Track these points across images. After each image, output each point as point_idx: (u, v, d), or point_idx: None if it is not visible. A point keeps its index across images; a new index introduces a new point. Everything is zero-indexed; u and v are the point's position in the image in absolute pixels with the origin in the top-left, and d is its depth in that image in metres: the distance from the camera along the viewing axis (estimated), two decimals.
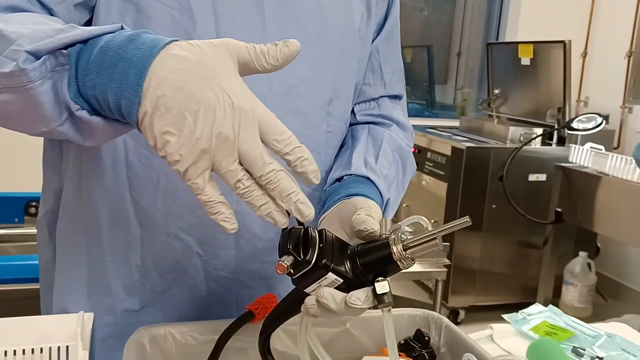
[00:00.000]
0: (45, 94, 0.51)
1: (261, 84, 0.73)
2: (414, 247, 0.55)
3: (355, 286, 0.57)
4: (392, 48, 0.91)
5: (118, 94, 0.49)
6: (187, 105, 0.47)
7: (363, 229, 0.59)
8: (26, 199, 1.95)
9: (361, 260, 0.57)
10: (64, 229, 0.79)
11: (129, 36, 0.51)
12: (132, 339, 0.65)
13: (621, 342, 0.95)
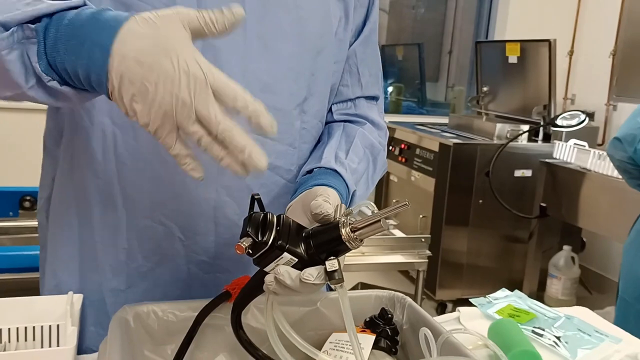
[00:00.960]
0: (12, 63, 0.57)
1: (239, 81, 0.79)
2: (361, 229, 0.61)
3: (309, 265, 0.62)
4: (369, 51, 0.97)
5: (87, 71, 0.56)
6: (148, 77, 0.53)
7: (318, 212, 0.65)
8: (21, 193, 2.00)
9: (314, 241, 0.63)
10: (57, 212, 0.85)
11: (92, 15, 0.57)
12: (117, 316, 0.71)
13: (578, 323, 1.01)
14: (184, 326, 0.74)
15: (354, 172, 0.85)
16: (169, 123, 0.54)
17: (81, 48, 0.56)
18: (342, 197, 0.78)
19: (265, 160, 0.57)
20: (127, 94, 0.54)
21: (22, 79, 0.58)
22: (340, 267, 0.63)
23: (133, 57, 0.54)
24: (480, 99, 3.79)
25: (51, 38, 0.57)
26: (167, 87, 0.53)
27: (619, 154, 1.62)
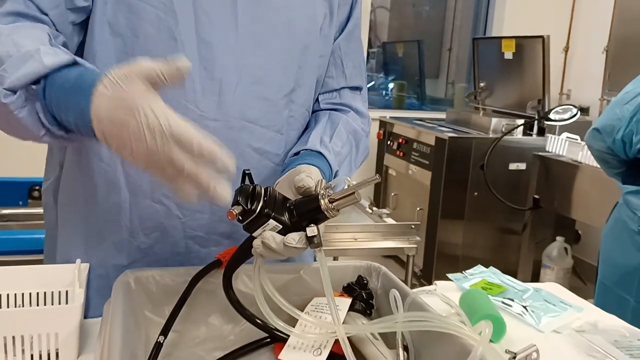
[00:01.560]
0: (25, 119, 0.69)
1: (232, 75, 0.88)
2: (337, 200, 0.70)
3: (292, 231, 0.71)
4: (353, 46, 1.05)
5: (78, 128, 0.67)
6: (121, 134, 0.62)
7: (301, 185, 0.74)
8: (30, 183, 2.10)
9: (297, 210, 0.71)
10: (65, 194, 0.94)
11: (75, 81, 0.67)
12: (120, 279, 0.80)
13: (545, 295, 1.09)
14: (180, 290, 0.82)
15: (337, 155, 0.93)
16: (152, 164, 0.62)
17: (69, 110, 0.67)
18: (325, 175, 0.86)
19: (229, 193, 0.64)
20: (113, 146, 0.64)
21: (36, 130, 0.71)
22: (320, 233, 0.71)
23: (106, 118, 0.63)
24: (477, 94, 3.86)
25: (48, 97, 0.68)
26: (137, 142, 0.61)
27: (598, 144, 1.69)
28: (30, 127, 0.70)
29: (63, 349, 0.77)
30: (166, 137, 0.60)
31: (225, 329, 0.86)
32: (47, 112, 0.69)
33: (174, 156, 0.60)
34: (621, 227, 1.68)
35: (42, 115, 0.69)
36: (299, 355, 0.78)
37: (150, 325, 0.80)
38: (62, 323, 0.76)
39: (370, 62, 5.24)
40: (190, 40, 0.85)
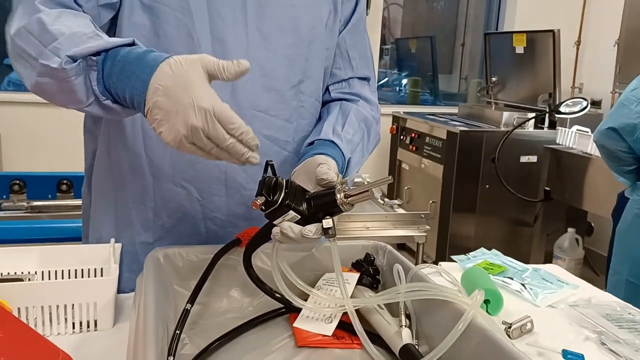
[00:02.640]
0: (78, 85, 0.77)
1: None
2: (352, 196, 0.77)
3: (309, 221, 0.79)
4: (358, 38, 1.13)
5: (131, 96, 0.75)
6: (172, 107, 0.71)
7: (324, 178, 0.82)
8: (58, 177, 2.21)
9: (314, 202, 0.79)
10: (97, 180, 1.03)
11: (139, 55, 0.75)
12: (150, 255, 0.89)
13: (544, 274, 1.16)
14: (204, 266, 0.91)
15: (349, 142, 1.01)
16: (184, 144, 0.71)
17: (128, 80, 0.74)
18: (338, 164, 0.94)
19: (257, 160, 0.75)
20: (156, 117, 0.72)
21: (84, 97, 0.78)
22: (334, 225, 0.79)
23: (162, 91, 0.71)
24: (489, 88, 3.91)
25: (107, 69, 0.76)
26: (185, 117, 0.70)
27: (614, 144, 1.72)
28: (80, 95, 0.77)
29: (101, 317, 0.86)
30: (211, 116, 0.69)
31: (244, 301, 0.94)
32: (101, 81, 0.77)
33: (218, 132, 0.70)
34: None
35: (95, 84, 0.77)
36: (311, 324, 0.87)
37: (178, 297, 0.88)
38: (100, 294, 0.86)
39: (384, 59, 5.30)
40: (205, 38, 0.93)
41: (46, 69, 0.76)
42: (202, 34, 0.93)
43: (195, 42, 0.92)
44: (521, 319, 0.93)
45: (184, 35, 0.92)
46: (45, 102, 3.05)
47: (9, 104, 3.47)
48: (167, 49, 0.91)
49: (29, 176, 2.19)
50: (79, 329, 0.86)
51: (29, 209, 2.03)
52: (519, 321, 0.93)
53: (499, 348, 0.67)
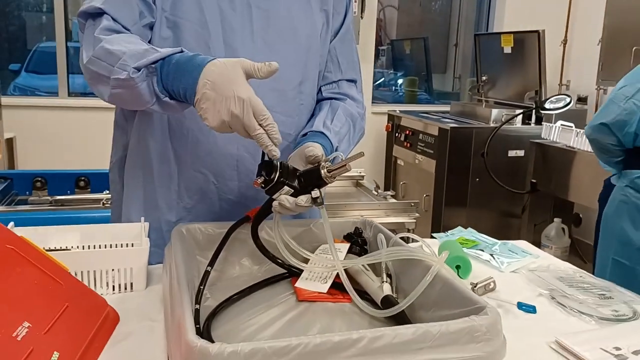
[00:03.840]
0: (144, 89, 0.96)
1: None
2: (334, 171, 0.95)
3: (301, 193, 0.97)
4: (346, 46, 1.31)
5: (184, 91, 0.93)
6: (217, 98, 0.89)
7: (310, 155, 1.00)
8: (76, 174, 2.39)
9: (304, 178, 0.98)
10: (130, 168, 1.21)
11: (189, 58, 0.94)
12: (176, 229, 1.07)
13: (511, 247, 1.34)
14: (219, 238, 1.09)
15: (337, 134, 1.19)
16: (225, 127, 0.91)
17: (182, 78, 0.93)
18: (326, 150, 1.12)
19: (277, 153, 0.93)
20: (203, 106, 0.91)
21: (149, 99, 0.97)
22: (322, 195, 0.97)
23: (210, 84, 0.90)
24: (480, 87, 4.08)
25: (164, 73, 0.95)
26: (227, 105, 0.89)
27: (605, 138, 1.88)
28: (146, 97, 0.96)
29: (136, 280, 1.05)
30: (247, 106, 0.88)
31: (254, 268, 1.12)
32: (160, 83, 0.96)
33: (251, 121, 0.89)
34: (632, 207, 1.87)
35: (156, 87, 0.96)
36: (309, 284, 1.05)
37: (199, 263, 1.06)
38: (134, 261, 1.04)
39: (381, 59, 5.49)
40: (219, 46, 1.12)
41: (118, 82, 0.96)
42: (217, 44, 1.11)
43: (212, 51, 1.10)
44: (485, 279, 1.11)
45: (202, 45, 1.10)
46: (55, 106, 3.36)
47: (20, 107, 3.66)
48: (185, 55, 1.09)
49: (49, 174, 2.37)
50: (118, 290, 1.04)
51: (53, 202, 2.21)
52: (484, 281, 1.11)
53: (456, 291, 0.85)
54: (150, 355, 0.82)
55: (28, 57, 4.49)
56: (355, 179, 2.73)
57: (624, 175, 1.93)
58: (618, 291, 1.12)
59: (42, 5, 4.67)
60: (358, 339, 0.69)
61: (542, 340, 0.92)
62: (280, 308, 0.99)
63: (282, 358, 0.66)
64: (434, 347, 0.71)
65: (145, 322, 0.94)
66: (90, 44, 1.02)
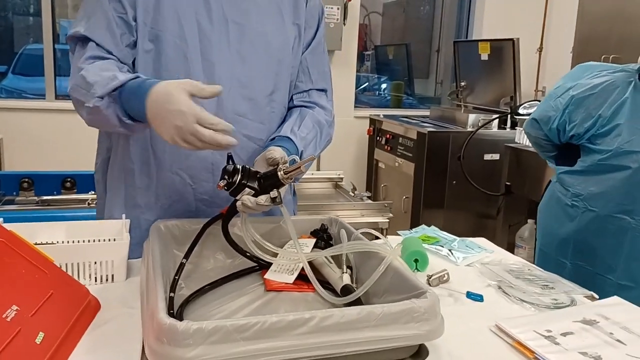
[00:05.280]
0: (110, 114, 1.09)
1: (226, 82, 1.23)
2: (290, 172, 1.05)
3: (262, 194, 1.06)
4: (317, 58, 1.41)
5: (139, 113, 1.06)
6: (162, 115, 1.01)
7: (269, 157, 1.10)
8: (63, 175, 2.47)
9: (263, 180, 1.07)
10: (112, 169, 1.30)
11: (139, 84, 1.06)
12: (154, 225, 1.16)
13: (469, 243, 1.45)
14: (195, 234, 1.18)
15: (302, 139, 1.29)
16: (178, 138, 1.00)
17: (135, 101, 1.06)
18: (290, 153, 1.20)
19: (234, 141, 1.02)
20: (154, 124, 1.03)
21: (116, 122, 1.10)
22: (280, 195, 1.06)
23: (154, 105, 1.02)
24: (459, 92, 4.20)
25: (124, 98, 1.07)
26: (172, 120, 0.99)
27: (535, 132, 2.02)
28: (113, 120, 1.09)
29: (116, 272, 1.13)
30: (190, 116, 0.98)
31: (227, 262, 1.21)
32: (122, 108, 1.07)
33: (195, 128, 0.98)
34: (555, 201, 2.00)
35: (119, 112, 1.07)
36: (277, 275, 1.14)
37: (176, 257, 1.15)
38: (115, 254, 1.12)
39: (366, 64, 5.60)
40: (197, 58, 1.21)
41: (89, 109, 1.09)
42: (194, 56, 1.20)
43: (189, 62, 1.20)
44: (440, 271, 1.21)
45: (181, 57, 1.19)
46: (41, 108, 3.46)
47: (8, 110, 3.72)
48: (167, 68, 1.19)
49: (36, 175, 2.44)
50: (100, 281, 1.12)
51: (39, 202, 2.28)
52: (438, 273, 1.21)
53: (404, 279, 0.95)
54: (128, 338, 0.91)
55: (15, 59, 4.55)
56: (334, 181, 2.83)
57: (556, 170, 2.05)
58: (561, 282, 1.22)
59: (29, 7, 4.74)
60: (310, 318, 0.78)
61: (484, 325, 1.02)
62: (249, 297, 1.08)
63: (241, 334, 0.75)
64: (377, 325, 0.81)
65: (125, 309, 1.02)
66: (74, 72, 1.14)
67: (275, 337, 0.77)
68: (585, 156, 1.89)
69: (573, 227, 1.90)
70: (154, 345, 0.75)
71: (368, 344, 0.81)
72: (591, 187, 1.84)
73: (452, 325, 0.91)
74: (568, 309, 1.08)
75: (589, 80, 1.89)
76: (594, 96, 1.83)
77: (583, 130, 1.85)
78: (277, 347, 0.77)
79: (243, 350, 0.75)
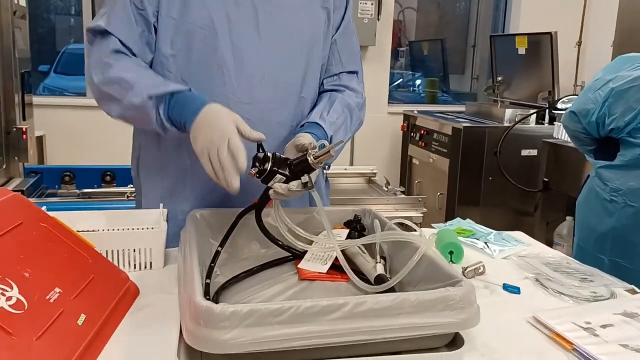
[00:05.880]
0: (152, 115, 1.12)
1: (258, 70, 1.25)
2: (319, 157, 1.05)
3: (293, 179, 1.07)
4: (346, 39, 1.41)
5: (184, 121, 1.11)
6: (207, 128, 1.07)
7: (298, 144, 1.12)
8: (102, 170, 2.53)
9: (294, 166, 1.07)
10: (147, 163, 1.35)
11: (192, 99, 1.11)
12: (191, 214, 1.18)
13: (505, 236, 1.42)
14: (230, 223, 1.19)
15: (332, 124, 1.29)
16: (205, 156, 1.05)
17: (185, 110, 1.11)
18: (319, 139, 1.20)
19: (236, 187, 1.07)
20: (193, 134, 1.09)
21: (154, 121, 1.14)
22: (311, 180, 1.07)
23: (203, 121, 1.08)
24: (495, 87, 4.14)
25: (171, 105, 1.12)
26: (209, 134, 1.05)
27: (574, 125, 1.97)
28: (152, 120, 1.14)
29: (154, 259, 1.16)
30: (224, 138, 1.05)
31: (261, 251, 1.22)
32: (166, 112, 1.13)
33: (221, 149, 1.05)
34: (594, 196, 1.96)
35: (162, 114, 1.12)
36: (311, 265, 1.15)
37: (211, 246, 1.17)
38: (153, 241, 1.15)
39: (400, 61, 5.57)
40: (227, 48, 1.23)
41: (132, 105, 1.13)
42: (225, 46, 1.22)
43: (219, 52, 1.21)
44: (475, 263, 1.20)
45: (211, 48, 1.21)
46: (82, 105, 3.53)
47: (49, 107, 3.83)
48: (198, 59, 1.21)
49: (77, 169, 2.51)
50: (139, 268, 1.15)
51: (80, 195, 2.35)
52: (473, 265, 1.19)
53: (439, 269, 0.94)
54: (166, 322, 0.93)
55: (56, 58, 4.68)
56: (367, 176, 2.82)
57: (595, 165, 2.00)
58: (600, 276, 1.19)
59: (70, 8, 4.86)
60: (343, 303, 0.78)
61: (520, 317, 1.01)
62: (282, 285, 1.09)
63: (276, 318, 0.76)
64: (412, 312, 0.81)
65: (163, 295, 1.05)
66: (100, 66, 1.17)
67: (309, 321, 0.77)
68: (625, 150, 1.85)
69: (612, 222, 1.86)
70: (191, 327, 0.76)
71: (402, 330, 0.80)
72: (631, 182, 1.79)
73: (488, 317, 0.90)
74: (608, 302, 1.06)
75: (629, 72, 1.84)
76: (634, 89, 1.78)
77: (623, 124, 1.81)
78: (310, 332, 0.77)
79: (277, 334, 0.76)
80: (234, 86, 1.24)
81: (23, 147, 2.35)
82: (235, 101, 1.23)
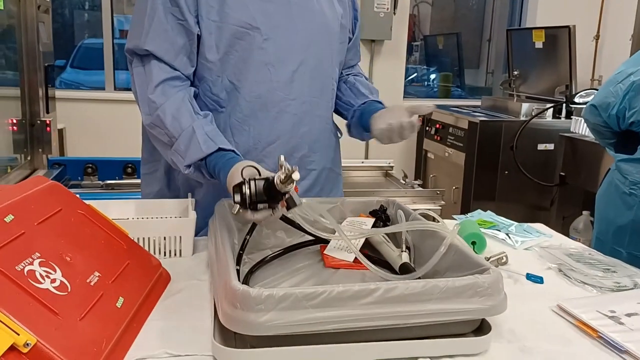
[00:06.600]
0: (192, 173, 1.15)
1: (297, 64, 1.27)
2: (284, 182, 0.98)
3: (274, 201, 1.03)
4: (357, 32, 1.49)
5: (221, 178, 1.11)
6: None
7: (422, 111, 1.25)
8: (124, 162, 2.57)
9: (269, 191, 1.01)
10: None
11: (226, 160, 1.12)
12: (219, 204, 1.20)
13: (526, 228, 1.44)
14: None
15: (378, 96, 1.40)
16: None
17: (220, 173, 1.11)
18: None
19: None
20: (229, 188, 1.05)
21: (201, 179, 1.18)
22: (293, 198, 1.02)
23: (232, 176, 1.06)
24: (511, 82, 4.13)
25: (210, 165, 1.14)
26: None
27: (594, 118, 1.98)
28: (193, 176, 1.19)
29: (184, 247, 1.19)
30: None
31: (287, 240, 1.25)
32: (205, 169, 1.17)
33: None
34: (613, 189, 1.96)
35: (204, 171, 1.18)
36: (336, 253, 1.17)
37: (238, 233, 1.19)
38: (183, 230, 1.18)
39: (414, 55, 5.56)
40: (270, 46, 1.25)
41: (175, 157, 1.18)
42: (268, 44, 1.25)
43: (264, 51, 1.24)
44: (498, 253, 1.21)
45: (255, 48, 1.24)
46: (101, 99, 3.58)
47: (69, 100, 3.88)
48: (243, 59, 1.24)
49: (99, 160, 2.55)
50: (169, 255, 1.18)
51: (104, 186, 2.39)
52: (496, 256, 1.21)
53: (465, 258, 0.96)
54: (199, 305, 0.96)
55: (73, 53, 4.73)
56: (384, 170, 2.83)
57: (616, 158, 2.00)
58: (623, 266, 1.20)
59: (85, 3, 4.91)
60: (375, 289, 0.81)
61: (545, 305, 1.02)
62: (308, 272, 1.11)
63: (310, 302, 0.78)
64: (441, 298, 0.83)
65: (193, 281, 1.07)
66: (146, 102, 1.19)
67: (341, 306, 0.80)
68: None
69: (631, 215, 1.86)
70: (228, 310, 0.79)
71: (431, 316, 0.82)
72: None
73: (513, 305, 0.91)
74: (632, 292, 1.07)
75: None
76: None
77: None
78: (343, 316, 0.79)
79: (311, 317, 0.78)
80: (279, 83, 1.27)
81: (47, 139, 2.39)
82: (283, 98, 1.28)
